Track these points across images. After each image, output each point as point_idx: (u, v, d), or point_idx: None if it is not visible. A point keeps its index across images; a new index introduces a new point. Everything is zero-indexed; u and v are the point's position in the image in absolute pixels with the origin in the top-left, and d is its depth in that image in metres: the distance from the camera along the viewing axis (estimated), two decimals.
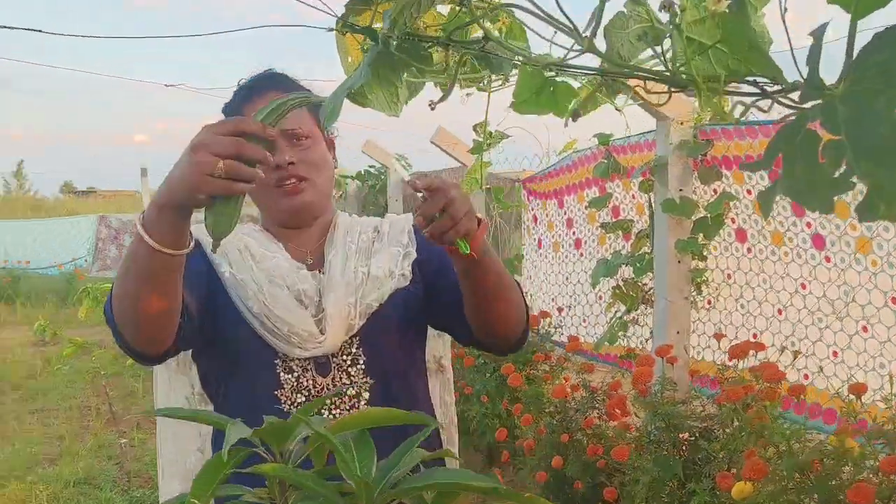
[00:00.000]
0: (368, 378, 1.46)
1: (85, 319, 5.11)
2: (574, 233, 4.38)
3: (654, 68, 0.74)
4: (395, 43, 0.87)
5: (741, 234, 3.01)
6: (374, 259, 1.51)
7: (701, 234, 2.95)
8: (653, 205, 3.14)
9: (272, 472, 0.81)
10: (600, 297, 4.08)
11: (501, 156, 5.57)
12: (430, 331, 1.66)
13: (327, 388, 1.44)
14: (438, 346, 1.76)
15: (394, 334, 1.50)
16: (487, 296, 1.34)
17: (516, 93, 0.85)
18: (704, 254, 3.05)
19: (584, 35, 0.74)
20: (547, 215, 4.72)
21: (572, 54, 0.73)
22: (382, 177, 7.81)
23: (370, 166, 8.18)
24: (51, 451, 5.12)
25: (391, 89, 0.91)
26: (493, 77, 1.03)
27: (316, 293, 1.46)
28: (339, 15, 0.96)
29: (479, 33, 1.05)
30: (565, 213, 4.46)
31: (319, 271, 1.51)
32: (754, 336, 2.93)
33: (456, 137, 4.82)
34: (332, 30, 0.90)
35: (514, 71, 1.03)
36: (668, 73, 0.72)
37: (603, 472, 2.92)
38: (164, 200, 1.10)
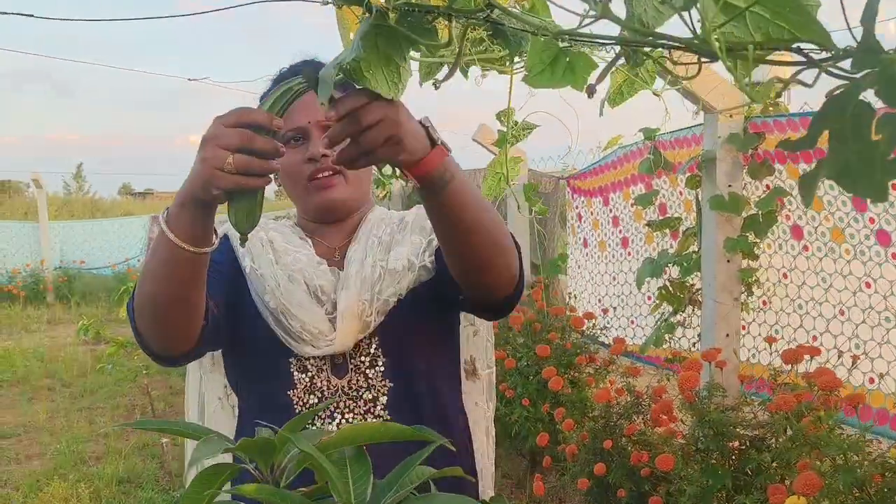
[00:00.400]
0: (388, 381, 1.37)
1: (127, 318, 5.13)
2: (620, 231, 4.25)
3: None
4: (393, 15, 0.78)
5: (797, 231, 2.85)
6: (392, 251, 1.41)
7: (751, 232, 2.80)
8: (700, 202, 3.00)
9: (252, 493, 0.73)
10: (648, 298, 3.94)
11: (544, 152, 5.45)
12: (465, 330, 1.57)
13: (342, 391, 1.35)
14: (472, 347, 1.63)
15: (417, 333, 1.41)
16: (459, 231, 1.15)
17: (528, 64, 0.75)
18: (755, 252, 2.89)
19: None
20: (592, 213, 4.60)
21: (587, 21, 0.64)
22: None
23: None
24: (96, 450, 5.16)
25: (391, 68, 0.82)
26: (517, 58, 0.94)
27: (333, 289, 1.38)
28: None
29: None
30: (611, 211, 4.33)
31: (340, 267, 1.43)
32: (814, 339, 2.77)
33: (497, 135, 4.71)
34: (327, 2, 0.82)
35: None
36: (696, 41, 0.61)
37: (647, 481, 2.80)
38: (182, 197, 1.06)
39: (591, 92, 0.76)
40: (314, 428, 1.04)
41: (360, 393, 1.36)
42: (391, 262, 1.38)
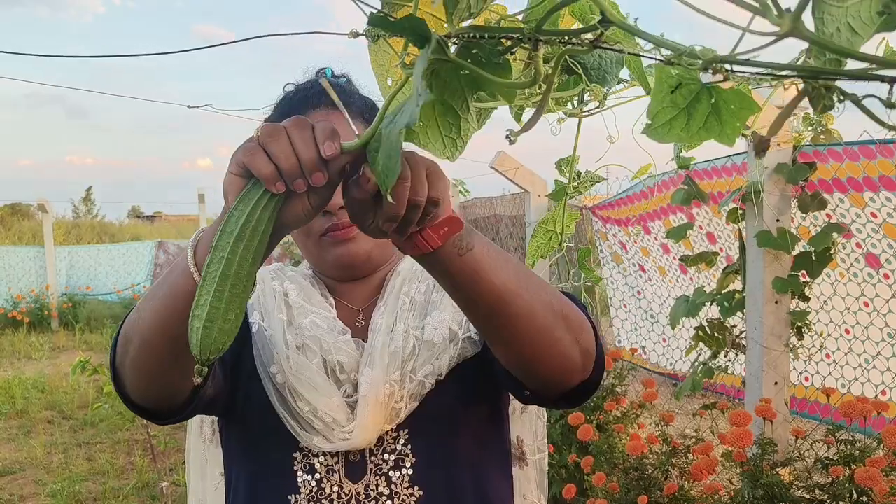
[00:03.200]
0: (415, 488, 1.08)
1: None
2: (674, 257, 4.06)
3: None
4: (455, 46, 0.56)
5: (873, 260, 2.62)
6: (429, 317, 1.13)
7: (803, 272, 2.57)
8: (744, 237, 2.77)
9: None
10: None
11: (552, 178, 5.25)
12: (510, 404, 1.25)
13: (356, 499, 1.07)
14: (519, 426, 1.32)
15: (461, 424, 1.12)
16: (493, 317, 0.87)
17: (652, 109, 0.53)
18: (807, 293, 2.65)
19: (782, 10, 0.42)
20: (634, 241, 4.41)
21: (756, 40, 0.41)
22: None
23: None
24: (94, 490, 4.92)
25: (449, 119, 0.59)
26: (586, 97, 0.72)
27: (356, 367, 1.10)
28: (374, 13, 0.65)
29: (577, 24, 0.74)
30: (656, 239, 4.12)
31: (364, 336, 1.15)
32: (883, 393, 2.53)
33: (517, 162, 4.50)
34: (357, 35, 0.59)
35: (620, 85, 0.71)
36: None
37: None
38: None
39: (761, 149, 0.54)
40: None
41: (380, 503, 1.08)
42: (428, 332, 1.11)
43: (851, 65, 0.47)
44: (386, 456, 1.09)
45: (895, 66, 0.40)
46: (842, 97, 0.45)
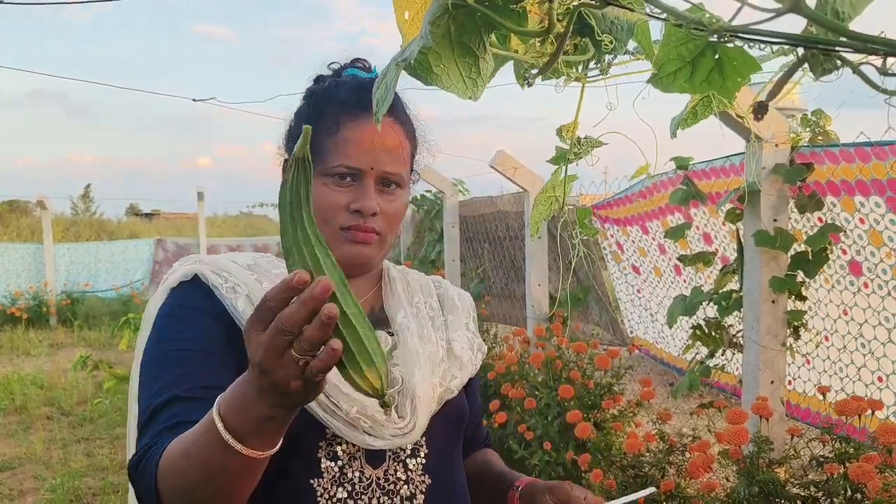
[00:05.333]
0: (427, 477, 1.15)
1: (126, 350, 4.93)
2: (670, 258, 4.08)
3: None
4: None
5: (855, 268, 2.64)
6: (453, 335, 1.26)
7: (800, 272, 2.59)
8: (741, 237, 2.79)
9: None
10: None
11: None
12: None
13: (376, 484, 1.11)
14: None
15: (456, 430, 1.26)
16: None
17: (659, 60, 0.55)
18: (804, 293, 2.68)
19: None
20: (633, 241, 4.43)
21: (760, 14, 0.43)
22: (438, 202, 7.56)
23: (426, 191, 7.95)
24: (93, 485, 4.94)
25: (468, 60, 0.62)
26: (591, 64, 0.74)
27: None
28: None
29: None
30: (654, 239, 4.15)
31: (387, 332, 1.21)
32: (880, 379, 2.55)
33: (517, 161, 4.52)
34: None
35: (626, 56, 0.73)
36: None
37: None
38: (261, 415, 0.82)
39: (760, 112, 0.57)
40: None
41: (398, 487, 1.13)
42: (456, 348, 1.24)
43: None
44: (403, 449, 1.16)
45: (885, 43, 0.42)
46: (840, 62, 0.47)
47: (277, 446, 0.87)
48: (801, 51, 0.52)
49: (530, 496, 1.24)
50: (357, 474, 1.11)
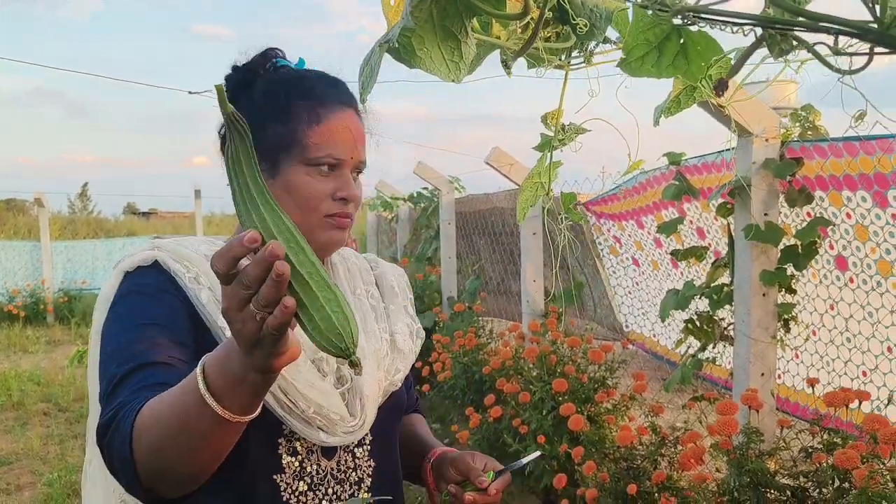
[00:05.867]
0: (371, 461, 1.23)
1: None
2: (667, 252, 4.12)
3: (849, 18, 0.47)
4: None
5: (841, 263, 2.67)
6: (395, 326, 1.30)
7: (790, 265, 2.62)
8: (732, 231, 2.82)
9: None
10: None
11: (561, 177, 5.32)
12: None
13: (331, 474, 1.18)
14: None
15: (397, 417, 1.33)
16: None
17: (627, 46, 0.58)
18: (793, 286, 2.71)
19: None
20: (630, 236, 4.47)
21: None
22: (435, 199, 7.59)
23: (423, 188, 7.97)
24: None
25: (450, 43, 0.65)
26: (574, 52, 0.77)
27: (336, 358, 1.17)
28: None
29: None
30: (649, 234, 4.18)
31: None
32: (864, 374, 2.58)
33: (512, 158, 4.55)
34: None
35: (608, 46, 0.76)
36: (874, 25, 0.44)
37: None
38: (237, 372, 0.84)
39: (720, 89, 0.59)
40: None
41: (348, 475, 1.20)
42: (399, 340, 1.28)
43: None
44: None
45: (836, 22, 0.45)
46: (796, 42, 0.50)
47: (253, 414, 0.89)
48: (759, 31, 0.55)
49: (439, 468, 1.32)
50: (315, 467, 1.17)
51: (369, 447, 1.23)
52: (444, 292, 6.54)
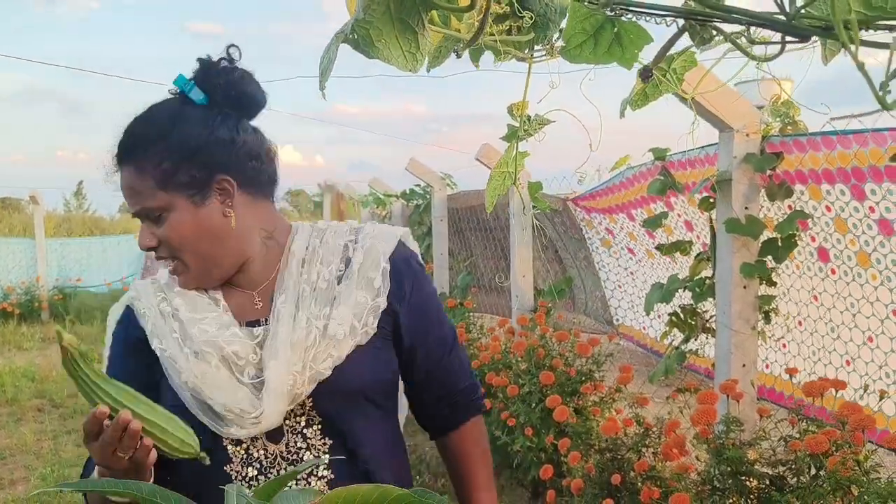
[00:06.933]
0: (327, 438, 1.25)
1: None
2: (659, 241, 4.19)
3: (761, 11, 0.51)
4: None
5: (823, 254, 2.72)
6: (336, 309, 1.24)
7: (770, 257, 2.66)
8: (714, 225, 2.87)
9: None
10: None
11: (548, 174, 5.37)
12: None
13: (280, 457, 1.23)
14: None
15: (356, 393, 1.28)
16: None
17: (566, 34, 0.62)
18: (774, 279, 2.75)
19: None
20: (621, 228, 4.52)
21: None
22: (427, 196, 7.63)
23: (415, 185, 8.01)
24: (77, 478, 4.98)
25: (408, 36, 0.68)
26: (538, 46, 0.81)
27: (253, 351, 1.22)
28: None
29: None
30: (640, 226, 4.24)
31: (266, 320, 1.26)
32: (847, 363, 2.63)
33: (502, 154, 4.59)
34: None
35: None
36: (783, 17, 0.48)
37: None
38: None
39: (646, 76, 0.63)
40: (297, 488, 0.89)
41: (301, 455, 1.24)
42: (332, 327, 1.22)
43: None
44: (298, 419, 1.24)
45: (745, 14, 0.49)
46: (716, 32, 0.55)
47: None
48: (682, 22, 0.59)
49: None
50: (262, 452, 1.23)
51: (320, 427, 1.24)
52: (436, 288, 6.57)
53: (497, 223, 6.05)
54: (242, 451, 1.23)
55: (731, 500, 2.38)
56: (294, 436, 1.24)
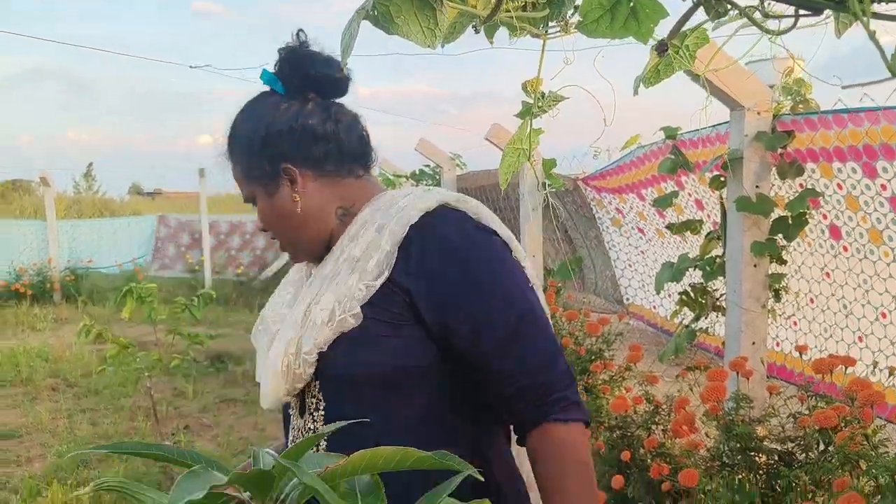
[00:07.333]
0: (325, 422, 1.29)
1: (129, 319, 5.04)
2: (669, 221, 4.20)
3: None
4: None
5: (835, 232, 2.72)
6: (324, 294, 1.25)
7: (780, 235, 2.67)
8: (725, 203, 2.87)
9: None
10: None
11: (560, 153, 5.37)
12: None
13: (302, 432, 1.32)
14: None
15: (346, 380, 1.25)
16: None
17: (583, 9, 0.64)
18: (784, 257, 2.76)
19: None
20: (631, 207, 4.53)
21: None
22: (437, 176, 7.63)
23: (425, 166, 8.01)
24: (98, 453, 5.05)
25: (426, 12, 0.70)
26: (552, 22, 0.82)
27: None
28: None
29: None
30: (651, 206, 4.25)
31: None
32: (860, 339, 2.65)
33: (512, 134, 4.59)
34: None
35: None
36: None
37: (669, 496, 2.66)
38: None
39: (662, 50, 0.65)
40: (323, 452, 0.90)
41: (315, 430, 1.31)
42: (314, 312, 1.24)
43: None
44: (311, 399, 1.30)
45: None
46: (730, 6, 0.56)
47: None
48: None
49: None
50: (297, 422, 1.34)
51: (323, 413, 1.28)
52: None
53: (507, 203, 6.06)
54: (292, 420, 1.36)
55: (740, 476, 2.41)
56: (309, 414, 1.31)
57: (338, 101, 1.34)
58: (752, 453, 2.43)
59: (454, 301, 1.19)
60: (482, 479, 0.71)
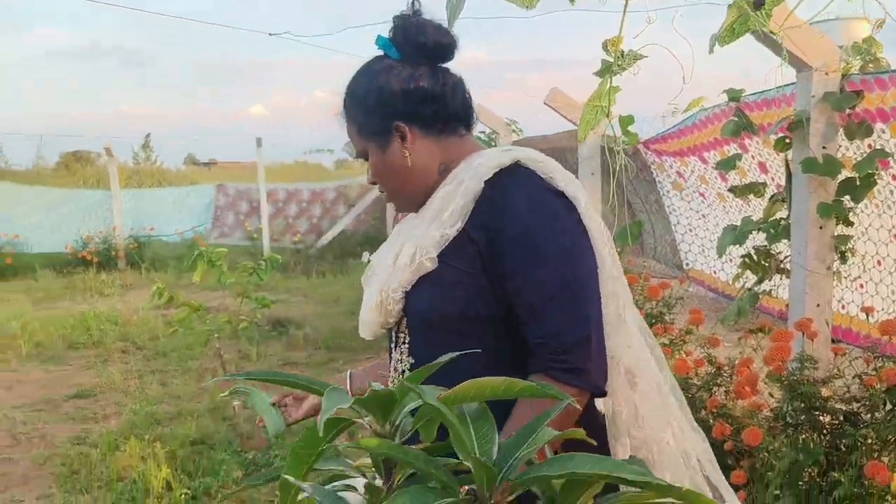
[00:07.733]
0: (410, 358, 1.44)
1: (200, 283, 5.21)
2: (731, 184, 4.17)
3: None
4: None
5: None
6: (408, 242, 1.42)
7: (847, 197, 2.65)
8: (790, 165, 2.86)
9: (376, 448, 0.68)
10: None
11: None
12: None
13: (396, 364, 1.46)
14: None
15: (422, 320, 1.41)
16: None
17: None
18: (851, 218, 2.74)
19: None
20: (692, 171, 4.51)
21: None
22: (493, 143, 7.65)
23: (480, 132, 8.03)
24: (169, 411, 5.28)
25: None
26: None
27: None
28: None
29: None
30: (713, 169, 4.23)
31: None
32: None
33: (571, 98, 4.59)
34: None
35: None
36: None
37: (731, 455, 2.70)
38: None
39: (759, 4, 0.68)
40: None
41: (399, 364, 1.45)
42: (401, 256, 1.41)
43: None
44: (400, 334, 1.45)
45: None
46: None
47: None
48: None
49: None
50: (394, 354, 1.48)
51: (407, 346, 1.44)
52: None
53: (567, 167, 6.06)
54: (392, 349, 1.49)
55: (804, 436, 2.43)
56: (399, 348, 1.45)
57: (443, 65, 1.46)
58: (817, 413, 2.45)
59: (509, 259, 1.31)
60: (580, 407, 0.78)
